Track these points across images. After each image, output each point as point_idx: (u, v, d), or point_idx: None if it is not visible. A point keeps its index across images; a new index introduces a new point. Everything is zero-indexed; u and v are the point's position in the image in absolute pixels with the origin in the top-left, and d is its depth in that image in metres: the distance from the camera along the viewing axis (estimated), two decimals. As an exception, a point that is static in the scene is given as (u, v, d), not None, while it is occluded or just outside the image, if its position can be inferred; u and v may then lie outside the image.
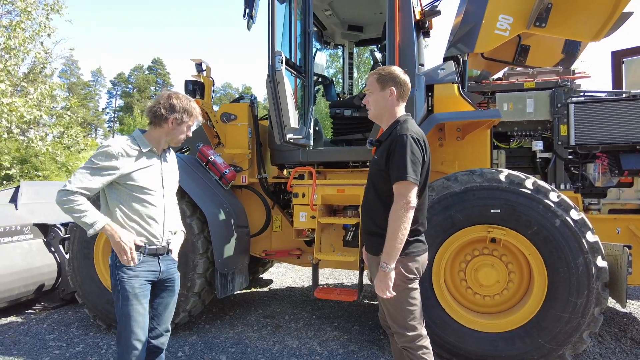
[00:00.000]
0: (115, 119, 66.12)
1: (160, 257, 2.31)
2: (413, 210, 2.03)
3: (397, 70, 2.23)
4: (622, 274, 2.99)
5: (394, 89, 2.19)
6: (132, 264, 2.14)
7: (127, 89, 66.68)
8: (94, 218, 2.10)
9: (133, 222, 2.21)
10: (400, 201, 2.01)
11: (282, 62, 3.35)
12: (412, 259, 2.13)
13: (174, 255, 2.42)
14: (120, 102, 67.25)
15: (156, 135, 2.33)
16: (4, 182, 21.05)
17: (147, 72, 68.03)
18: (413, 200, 2.02)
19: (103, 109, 66.41)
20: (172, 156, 2.50)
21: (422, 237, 2.24)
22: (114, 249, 2.14)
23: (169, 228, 2.37)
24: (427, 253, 2.27)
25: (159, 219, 2.29)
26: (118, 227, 2.15)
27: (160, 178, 2.33)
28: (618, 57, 4.93)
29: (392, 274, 2.03)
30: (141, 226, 2.23)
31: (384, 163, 2.11)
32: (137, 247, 2.19)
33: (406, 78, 2.23)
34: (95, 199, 2.36)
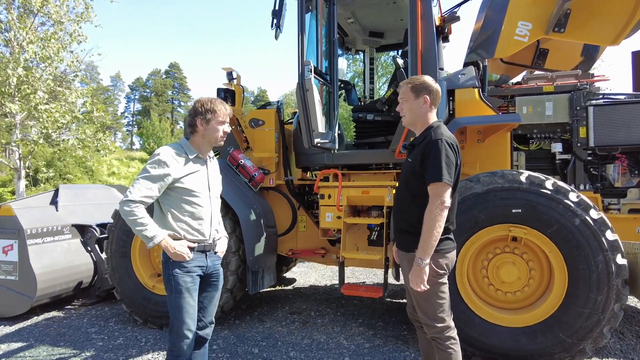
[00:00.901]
0: (134, 122, 67.47)
1: (207, 253, 2.52)
2: (447, 210, 2.19)
3: (429, 79, 2.40)
4: (641, 271, 3.10)
5: (427, 97, 2.35)
6: (186, 258, 2.37)
7: (145, 93, 67.93)
8: (153, 232, 2.28)
9: (184, 222, 2.42)
10: (436, 201, 2.17)
11: (311, 71, 3.55)
12: (442, 255, 2.29)
13: (220, 254, 2.65)
14: (138, 106, 68.57)
15: (196, 141, 2.51)
16: (33, 186, 21.80)
17: (164, 76, 69.21)
18: (447, 200, 2.19)
19: (122, 113, 67.80)
20: (215, 162, 2.71)
21: (452, 235, 2.40)
22: (172, 258, 2.36)
23: (215, 227, 2.59)
24: (455, 250, 2.43)
25: (206, 218, 2.50)
26: (171, 240, 2.35)
27: (207, 181, 2.54)
28: (638, 57, 4.99)
29: (427, 269, 2.20)
30: (191, 225, 2.43)
31: (418, 165, 2.27)
32: (190, 248, 2.41)
33: (438, 87, 2.40)
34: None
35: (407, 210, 2.36)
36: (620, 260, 3.03)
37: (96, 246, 5.37)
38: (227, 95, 4.54)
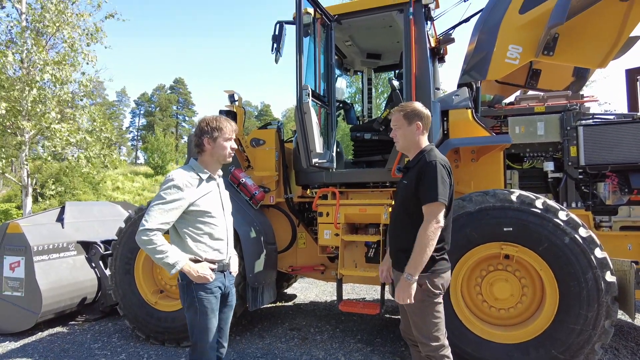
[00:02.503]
0: (138, 137, 68.12)
1: (225, 272, 2.56)
2: (440, 229, 2.29)
3: (420, 106, 2.52)
4: (630, 288, 3.17)
5: (419, 123, 2.48)
6: (210, 280, 2.40)
7: (150, 108, 68.75)
8: (174, 258, 2.28)
9: (202, 243, 2.43)
10: (431, 220, 2.27)
11: (308, 95, 3.70)
12: (437, 275, 2.38)
13: (234, 273, 2.67)
14: (143, 121, 69.37)
15: (205, 160, 2.54)
16: (39, 200, 22.01)
17: (169, 91, 70.15)
18: (441, 220, 2.29)
19: (127, 127, 68.54)
20: (222, 180, 2.76)
21: (447, 256, 2.48)
22: (195, 281, 2.36)
23: (231, 245, 2.63)
24: (450, 270, 2.51)
25: (223, 237, 2.54)
26: (192, 263, 2.36)
27: (220, 200, 2.59)
28: (632, 75, 5.12)
29: (415, 285, 2.29)
30: (210, 246, 2.47)
31: (414, 187, 2.38)
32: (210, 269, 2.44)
33: (428, 112, 2.53)
34: None
35: (405, 231, 2.43)
36: (610, 277, 3.11)
37: (100, 262, 5.48)
38: (228, 117, 4.68)
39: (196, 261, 2.41)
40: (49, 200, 23.10)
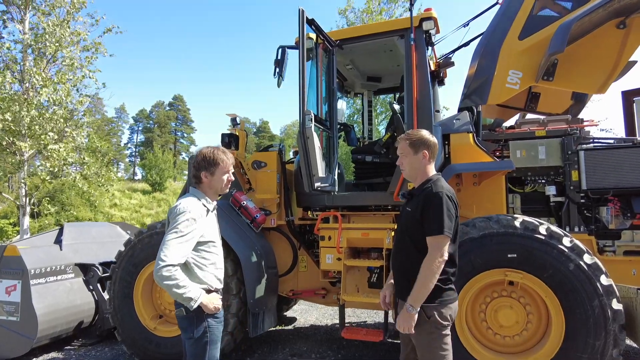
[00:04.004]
0: (137, 153, 68.13)
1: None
2: (444, 263, 2.26)
3: (426, 133, 2.51)
4: (637, 316, 3.14)
5: (426, 152, 2.46)
6: (220, 309, 2.43)
7: (149, 125, 68.95)
8: (194, 293, 2.25)
9: (210, 273, 2.45)
10: (436, 253, 2.24)
11: (311, 120, 3.71)
12: (445, 306, 2.34)
13: None
14: (141, 137, 69.48)
15: (204, 190, 2.55)
16: (35, 218, 21.85)
17: (167, 108, 70.47)
18: (446, 253, 2.26)
19: (125, 144, 68.59)
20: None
21: (454, 286, 2.44)
22: (209, 312, 2.35)
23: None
24: (457, 300, 2.46)
25: (221, 265, 2.57)
26: (206, 296, 2.35)
27: (218, 228, 2.62)
28: (628, 97, 5.17)
29: (416, 316, 2.26)
30: (215, 275, 2.49)
31: (419, 215, 2.36)
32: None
33: (435, 140, 2.50)
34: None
35: (409, 259, 2.38)
36: (616, 305, 3.08)
37: (98, 285, 5.40)
38: (231, 140, 4.72)
39: (207, 291, 2.41)
40: (46, 217, 22.94)
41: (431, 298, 2.29)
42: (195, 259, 2.40)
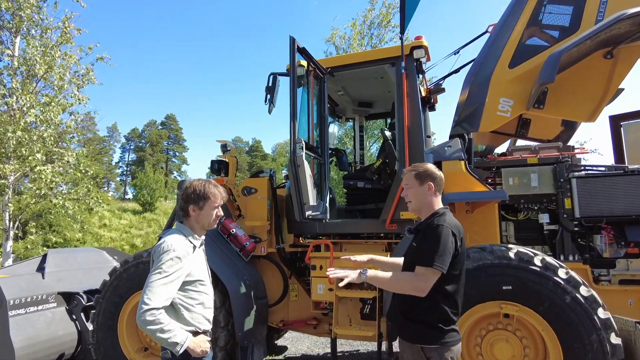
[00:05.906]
0: (128, 172, 67.65)
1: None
2: (421, 293, 2.15)
3: (432, 166, 2.46)
4: (636, 350, 3.06)
5: (432, 184, 2.39)
6: (208, 352, 2.29)
7: (141, 144, 68.74)
8: (180, 337, 2.13)
9: (198, 314, 2.30)
10: (419, 281, 2.14)
11: (302, 149, 3.66)
12: (447, 348, 2.21)
13: None
14: (133, 156, 69.13)
15: (191, 224, 2.42)
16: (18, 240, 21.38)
17: (160, 127, 70.42)
18: (428, 287, 2.14)
19: (116, 162, 68.15)
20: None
21: (457, 326, 2.31)
22: (197, 356, 2.21)
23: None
24: (460, 342, 2.31)
25: (211, 305, 2.43)
26: (193, 339, 2.21)
27: (207, 265, 2.48)
28: (616, 121, 5.22)
29: (363, 277, 2.26)
30: (203, 315, 2.34)
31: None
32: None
33: (441, 174, 2.44)
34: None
35: (412, 297, 2.24)
36: (615, 339, 3.00)
37: (82, 315, 5.20)
38: (220, 166, 4.64)
39: (194, 333, 2.26)
40: (32, 237, 22.46)
41: (432, 340, 2.20)
42: (182, 300, 2.26)
